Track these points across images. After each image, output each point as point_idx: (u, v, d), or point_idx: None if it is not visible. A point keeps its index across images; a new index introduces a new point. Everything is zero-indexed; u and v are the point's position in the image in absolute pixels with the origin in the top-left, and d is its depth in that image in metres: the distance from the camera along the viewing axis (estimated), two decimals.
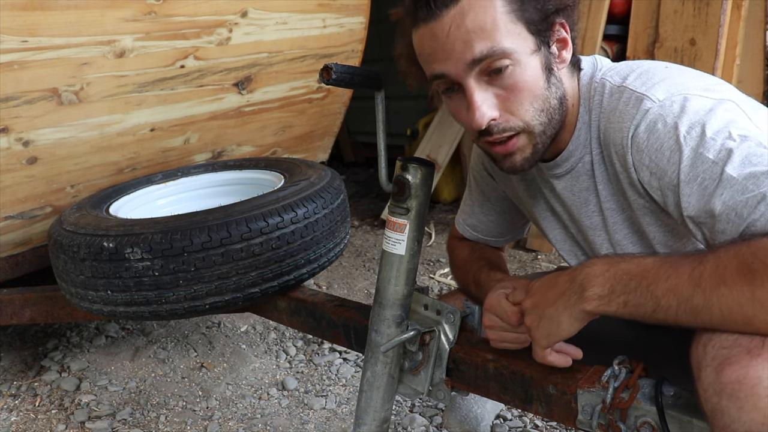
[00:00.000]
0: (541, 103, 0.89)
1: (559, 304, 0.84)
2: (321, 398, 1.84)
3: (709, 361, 0.70)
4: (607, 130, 0.92)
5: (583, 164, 0.98)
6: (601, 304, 0.79)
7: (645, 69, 0.92)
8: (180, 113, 2.08)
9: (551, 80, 0.91)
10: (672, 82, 0.87)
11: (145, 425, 1.76)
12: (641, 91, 0.87)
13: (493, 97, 0.88)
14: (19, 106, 1.67)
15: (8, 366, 2.14)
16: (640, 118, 0.85)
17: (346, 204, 1.65)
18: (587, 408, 0.90)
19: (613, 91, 0.92)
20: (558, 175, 1.02)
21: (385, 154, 0.98)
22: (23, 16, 1.59)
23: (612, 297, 0.78)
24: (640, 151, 0.85)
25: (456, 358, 1.04)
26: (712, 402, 0.69)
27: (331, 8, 2.33)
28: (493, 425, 1.65)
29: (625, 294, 0.77)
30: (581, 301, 0.81)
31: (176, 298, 1.33)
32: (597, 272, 0.80)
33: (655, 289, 0.74)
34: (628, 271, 0.78)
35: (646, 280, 0.75)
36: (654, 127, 0.84)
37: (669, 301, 0.73)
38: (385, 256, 1.00)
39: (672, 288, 0.73)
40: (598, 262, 0.82)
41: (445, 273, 2.72)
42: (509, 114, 0.89)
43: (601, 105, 0.93)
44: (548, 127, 0.92)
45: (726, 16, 2.45)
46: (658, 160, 0.83)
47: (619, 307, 0.77)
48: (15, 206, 1.84)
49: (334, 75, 0.88)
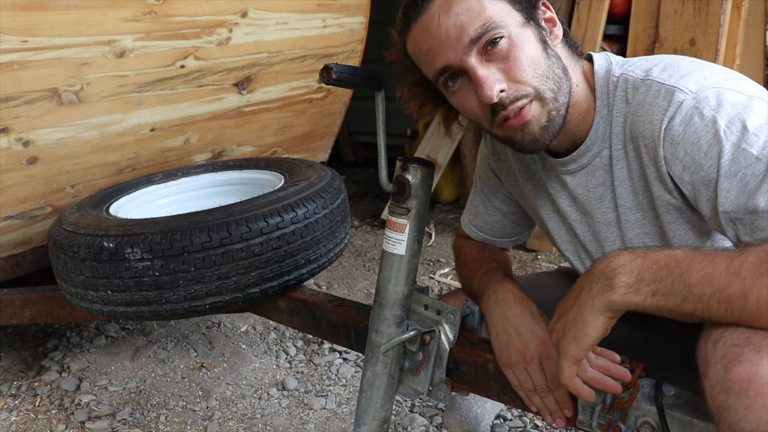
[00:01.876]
0: (543, 68, 0.89)
1: (580, 300, 0.80)
2: (321, 398, 1.84)
3: (718, 358, 0.69)
4: (635, 123, 0.90)
5: (601, 159, 0.97)
6: (628, 293, 0.75)
7: (669, 61, 0.90)
8: (180, 113, 2.08)
9: (548, 51, 0.91)
10: (701, 75, 0.85)
11: (145, 425, 1.76)
12: (671, 83, 0.85)
13: (497, 71, 0.88)
14: (19, 106, 1.67)
15: (8, 366, 2.14)
16: (674, 110, 0.83)
17: (346, 204, 1.65)
18: (587, 408, 0.90)
19: (637, 85, 0.90)
20: (572, 170, 1.00)
21: (385, 154, 0.98)
22: (23, 16, 1.59)
23: (640, 285, 0.75)
24: (675, 144, 0.84)
25: (456, 358, 1.04)
26: (719, 399, 0.68)
27: (331, 8, 2.33)
28: (493, 425, 1.65)
29: (655, 283, 0.74)
30: (606, 291, 0.76)
31: (176, 298, 1.33)
32: (623, 261, 0.77)
33: (689, 278, 0.72)
34: (658, 261, 0.75)
35: (678, 269, 0.73)
36: (690, 120, 0.82)
37: (703, 290, 0.71)
38: (385, 256, 1.00)
39: (707, 276, 0.71)
40: (623, 253, 0.79)
41: (445, 273, 2.72)
42: (516, 83, 0.88)
43: (626, 99, 0.91)
44: (558, 93, 0.90)
45: (726, 16, 2.45)
46: (694, 154, 0.82)
47: (647, 296, 0.74)
48: (15, 206, 1.84)
49: (335, 75, 0.88)
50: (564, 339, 0.82)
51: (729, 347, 0.69)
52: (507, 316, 1.00)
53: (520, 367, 0.96)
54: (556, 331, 0.85)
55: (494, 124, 0.92)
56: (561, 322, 0.84)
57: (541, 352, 0.95)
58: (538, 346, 0.95)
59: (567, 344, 0.81)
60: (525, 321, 0.99)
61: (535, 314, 1.00)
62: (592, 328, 0.78)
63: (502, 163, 1.16)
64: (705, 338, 0.73)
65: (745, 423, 0.66)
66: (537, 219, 1.17)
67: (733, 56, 2.56)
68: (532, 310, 1.01)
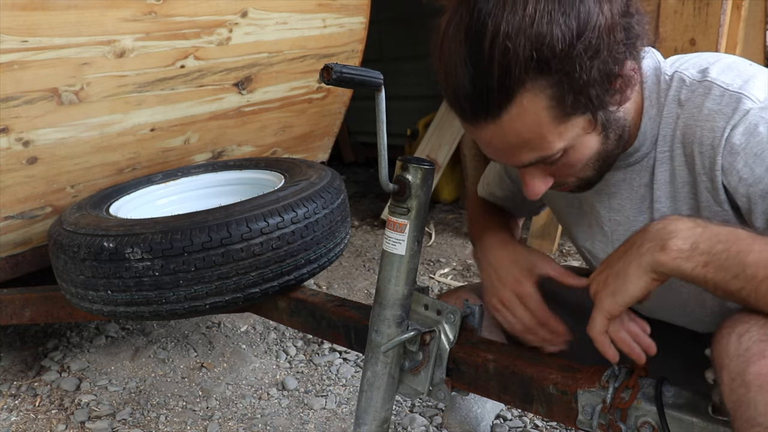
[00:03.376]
0: (595, 161, 0.87)
1: (628, 255, 0.78)
2: (321, 398, 1.84)
3: (741, 351, 0.68)
4: (690, 128, 0.85)
5: (648, 159, 0.93)
6: (679, 257, 0.73)
7: (727, 63, 0.87)
8: (180, 113, 2.08)
9: (610, 130, 0.85)
10: (764, 81, 0.83)
11: (145, 425, 1.76)
12: (734, 88, 0.82)
13: (545, 174, 0.87)
14: (19, 106, 1.67)
15: (8, 366, 2.14)
16: (738, 118, 0.80)
17: (346, 204, 1.65)
18: (587, 408, 0.90)
19: (694, 86, 0.86)
20: (617, 166, 0.96)
21: (385, 154, 0.98)
22: (23, 16, 1.59)
23: (693, 254, 0.73)
24: (734, 154, 0.80)
25: (456, 358, 1.04)
26: (738, 393, 0.67)
27: (331, 8, 2.33)
28: (493, 425, 1.65)
29: (709, 254, 0.72)
30: (657, 251, 0.74)
31: (176, 298, 1.33)
32: (682, 226, 0.75)
33: (745, 257, 0.70)
34: (717, 234, 0.73)
35: (736, 246, 0.71)
36: (755, 130, 0.79)
37: (756, 271, 0.69)
38: (386, 256, 1.00)
39: (765, 260, 0.69)
40: (684, 218, 0.76)
41: (445, 273, 2.72)
42: (562, 178, 0.88)
43: (678, 100, 0.87)
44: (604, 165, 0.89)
45: (726, 16, 2.45)
46: (755, 166, 0.79)
47: (698, 265, 0.72)
48: (15, 206, 1.84)
49: (335, 75, 0.87)
50: (603, 291, 0.80)
51: (755, 342, 0.68)
52: (490, 261, 1.01)
53: (503, 310, 0.97)
54: (596, 282, 0.83)
55: None
56: (603, 275, 0.81)
57: (518, 292, 0.94)
58: (514, 286, 0.95)
59: (605, 297, 0.79)
60: (503, 263, 0.98)
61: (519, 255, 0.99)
62: (634, 285, 0.76)
63: None
64: (728, 329, 0.72)
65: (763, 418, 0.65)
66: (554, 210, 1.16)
67: None
68: (516, 251, 0.99)
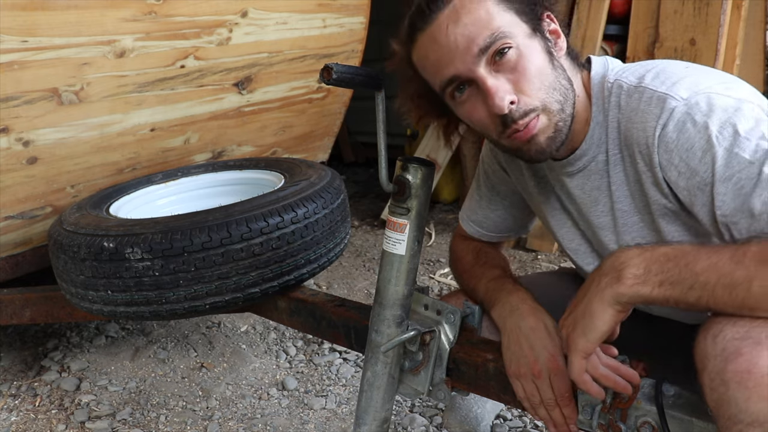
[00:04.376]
0: (551, 81, 0.90)
1: (589, 294, 0.82)
2: (321, 398, 1.84)
3: (718, 351, 0.70)
4: (628, 129, 0.91)
5: (596, 163, 0.98)
6: (636, 284, 0.77)
7: (661, 68, 0.91)
8: (180, 113, 2.08)
9: (554, 63, 0.92)
10: (692, 81, 0.87)
11: (145, 425, 1.76)
12: (662, 90, 0.87)
13: (505, 81, 0.88)
14: (19, 106, 1.67)
15: (8, 366, 2.14)
16: (666, 117, 0.85)
17: (346, 204, 1.65)
18: (587, 408, 0.90)
19: (631, 92, 0.91)
20: (570, 173, 1.01)
21: (385, 154, 0.98)
22: (23, 16, 1.59)
23: (648, 276, 0.77)
24: (669, 151, 0.85)
25: (456, 358, 1.04)
26: (718, 392, 0.69)
27: (331, 8, 2.33)
28: (493, 425, 1.65)
29: (662, 273, 0.76)
30: (614, 283, 0.78)
31: (176, 298, 1.33)
32: (631, 255, 0.79)
33: (695, 267, 0.74)
34: (665, 253, 0.77)
35: (684, 260, 0.75)
36: (683, 126, 0.83)
37: (708, 278, 0.73)
38: (386, 256, 1.00)
39: (713, 265, 0.73)
40: (632, 248, 0.81)
41: (445, 273, 2.72)
42: (524, 95, 0.89)
43: (619, 105, 0.93)
44: (565, 104, 0.91)
45: (726, 16, 2.45)
46: (689, 160, 0.83)
47: (654, 286, 0.76)
48: (15, 206, 1.84)
49: (335, 75, 0.88)
50: (573, 333, 0.83)
51: (729, 341, 0.70)
52: (521, 327, 0.99)
53: (528, 379, 0.95)
54: (566, 326, 0.86)
55: (503, 136, 0.92)
56: (571, 317, 0.85)
57: (551, 367, 0.94)
58: (548, 360, 0.94)
59: (576, 338, 0.82)
60: (539, 334, 0.98)
61: (550, 328, 0.99)
62: (601, 321, 0.80)
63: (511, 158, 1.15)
64: (704, 333, 0.74)
65: (744, 415, 0.66)
66: (541, 215, 1.18)
67: (733, 56, 2.56)
68: (547, 323, 1.00)
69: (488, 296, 1.10)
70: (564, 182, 1.04)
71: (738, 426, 0.67)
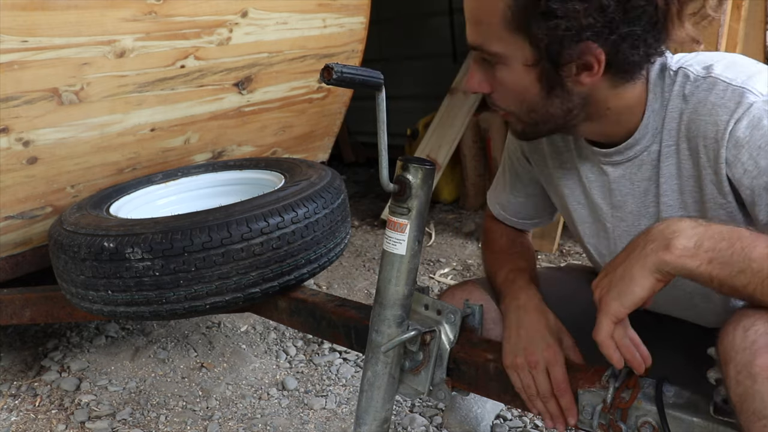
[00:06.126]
0: (529, 105, 0.90)
1: (631, 258, 0.78)
2: (321, 398, 1.84)
3: (748, 344, 0.69)
4: (694, 121, 0.87)
5: (649, 153, 0.94)
6: (683, 255, 0.73)
7: (731, 60, 0.88)
8: (180, 113, 2.08)
9: (554, 93, 0.88)
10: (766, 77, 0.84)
11: (145, 425, 1.76)
12: (738, 83, 0.83)
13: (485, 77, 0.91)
14: (19, 106, 1.67)
15: (8, 366, 2.14)
16: (742, 112, 0.81)
17: (346, 204, 1.65)
18: (588, 408, 0.90)
19: (698, 81, 0.87)
20: (616, 162, 0.97)
21: (385, 154, 0.98)
22: (23, 16, 1.59)
23: (698, 251, 0.73)
24: (739, 147, 0.82)
25: (456, 358, 1.04)
26: (744, 385, 0.68)
27: (331, 8, 2.33)
28: (493, 425, 1.65)
29: (714, 251, 0.72)
30: (661, 250, 0.74)
31: (177, 298, 1.33)
32: (684, 226, 0.75)
33: (751, 252, 0.71)
34: (720, 231, 0.74)
35: (740, 243, 0.72)
36: (759, 123, 0.80)
37: (762, 265, 0.70)
38: (386, 256, 1.00)
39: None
40: (685, 219, 0.77)
41: (445, 273, 2.72)
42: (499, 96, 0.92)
43: (683, 95, 0.88)
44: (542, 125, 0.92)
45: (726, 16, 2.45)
46: (759, 158, 0.80)
47: (703, 262, 0.73)
48: (15, 206, 1.84)
49: (335, 75, 0.88)
50: (608, 295, 0.79)
51: (761, 335, 0.69)
52: (522, 320, 1.00)
53: (525, 370, 0.95)
54: (600, 287, 0.82)
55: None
56: (607, 279, 0.81)
57: (548, 357, 0.94)
58: (545, 350, 0.94)
59: (610, 300, 0.79)
60: (538, 327, 0.98)
61: (551, 324, 0.99)
62: (639, 286, 0.76)
63: (535, 146, 1.14)
64: (734, 324, 0.72)
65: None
66: (562, 208, 1.15)
67: None
68: (549, 319, 1.00)
69: (504, 287, 1.10)
70: (606, 172, 1.00)
71: (763, 421, 0.67)
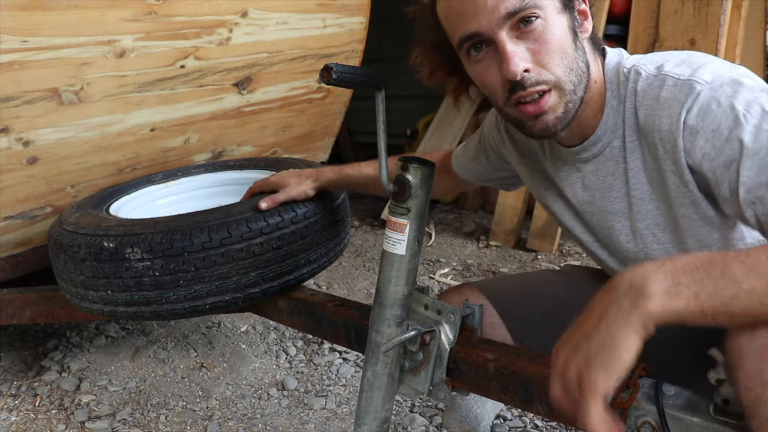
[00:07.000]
0: (570, 60, 0.90)
1: (607, 321, 0.67)
2: (321, 398, 1.84)
3: (755, 350, 0.66)
4: (649, 117, 0.91)
5: (611, 149, 0.98)
6: (668, 300, 0.64)
7: (681, 58, 0.91)
8: (180, 113, 2.08)
9: (577, 44, 0.91)
10: (714, 67, 0.87)
11: (145, 425, 1.76)
12: (686, 76, 0.87)
13: (525, 50, 0.88)
14: (19, 106, 1.67)
15: (8, 366, 2.14)
16: (691, 101, 0.84)
17: (346, 204, 1.65)
18: None
19: (650, 79, 0.91)
20: (585, 159, 1.02)
21: (385, 154, 0.98)
22: (23, 16, 1.58)
23: (679, 289, 0.64)
24: (694, 133, 0.84)
25: (456, 358, 1.04)
26: (756, 392, 0.66)
27: (331, 8, 2.33)
28: (493, 425, 1.65)
29: (695, 285, 0.64)
30: (641, 302, 0.65)
31: (176, 298, 1.33)
32: (650, 268, 0.67)
33: (733, 273, 0.64)
34: (689, 263, 0.66)
35: (715, 267, 0.65)
36: (708, 108, 0.83)
37: (753, 285, 0.63)
38: (386, 256, 1.00)
39: (753, 268, 0.63)
40: (647, 263, 0.68)
41: (445, 273, 2.72)
42: (541, 67, 0.88)
43: (636, 92, 0.92)
44: (578, 87, 0.91)
45: (726, 16, 2.45)
46: (715, 140, 0.82)
47: (690, 299, 0.64)
48: (15, 206, 1.84)
49: (335, 75, 0.88)
50: (589, 369, 0.67)
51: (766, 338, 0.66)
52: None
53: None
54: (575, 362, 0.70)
55: (508, 103, 0.92)
56: (582, 352, 0.69)
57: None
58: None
59: (594, 375, 0.67)
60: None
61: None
62: (625, 350, 0.65)
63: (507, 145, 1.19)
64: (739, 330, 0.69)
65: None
66: (541, 201, 1.19)
67: (733, 56, 2.56)
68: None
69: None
70: (579, 168, 1.04)
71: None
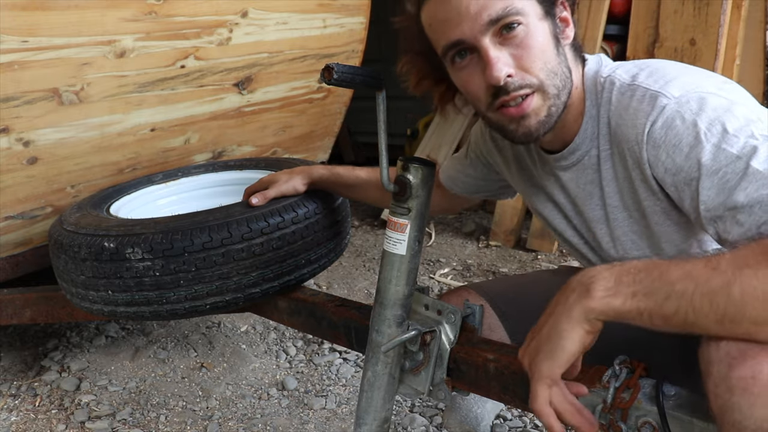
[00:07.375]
0: (553, 65, 0.91)
1: (555, 314, 0.77)
2: (321, 398, 1.84)
3: (722, 356, 0.68)
4: (619, 126, 0.92)
5: (590, 158, 0.99)
6: (606, 296, 0.72)
7: (655, 68, 0.92)
8: (180, 113, 2.08)
9: (559, 49, 0.92)
10: (685, 81, 0.87)
11: (145, 425, 1.76)
12: (655, 88, 0.88)
13: (508, 56, 0.89)
14: (19, 106, 1.67)
15: (8, 366, 2.14)
16: (656, 114, 0.85)
17: (346, 204, 1.65)
18: (588, 408, 0.90)
19: (623, 89, 0.92)
20: (564, 166, 1.03)
21: (386, 154, 0.98)
22: (23, 16, 1.58)
23: (619, 288, 0.72)
24: (657, 147, 0.85)
25: (457, 358, 1.04)
26: (723, 398, 0.68)
27: (332, 8, 2.33)
28: (493, 425, 1.65)
29: (635, 285, 0.71)
30: (583, 298, 0.74)
31: (177, 298, 1.33)
32: (600, 269, 0.75)
33: (669, 276, 0.70)
34: (635, 266, 0.74)
35: (657, 270, 0.71)
36: (672, 123, 0.84)
37: (685, 286, 0.68)
38: (386, 256, 1.00)
39: (687, 273, 0.69)
40: (600, 266, 0.77)
41: (445, 273, 2.72)
42: (524, 72, 0.89)
43: (610, 101, 0.94)
44: (562, 92, 0.92)
45: (726, 16, 2.46)
46: (675, 156, 0.83)
47: (627, 298, 0.71)
48: (15, 206, 1.84)
49: (336, 75, 0.88)
50: (537, 357, 0.77)
51: (732, 345, 0.68)
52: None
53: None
54: (528, 354, 0.80)
55: (491, 108, 0.93)
56: (533, 344, 0.80)
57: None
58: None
59: (540, 362, 0.77)
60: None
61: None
62: (569, 339, 0.74)
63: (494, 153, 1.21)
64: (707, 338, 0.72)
65: (749, 421, 0.65)
66: (531, 207, 1.20)
67: (733, 56, 2.56)
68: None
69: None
70: (558, 176, 1.05)
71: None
